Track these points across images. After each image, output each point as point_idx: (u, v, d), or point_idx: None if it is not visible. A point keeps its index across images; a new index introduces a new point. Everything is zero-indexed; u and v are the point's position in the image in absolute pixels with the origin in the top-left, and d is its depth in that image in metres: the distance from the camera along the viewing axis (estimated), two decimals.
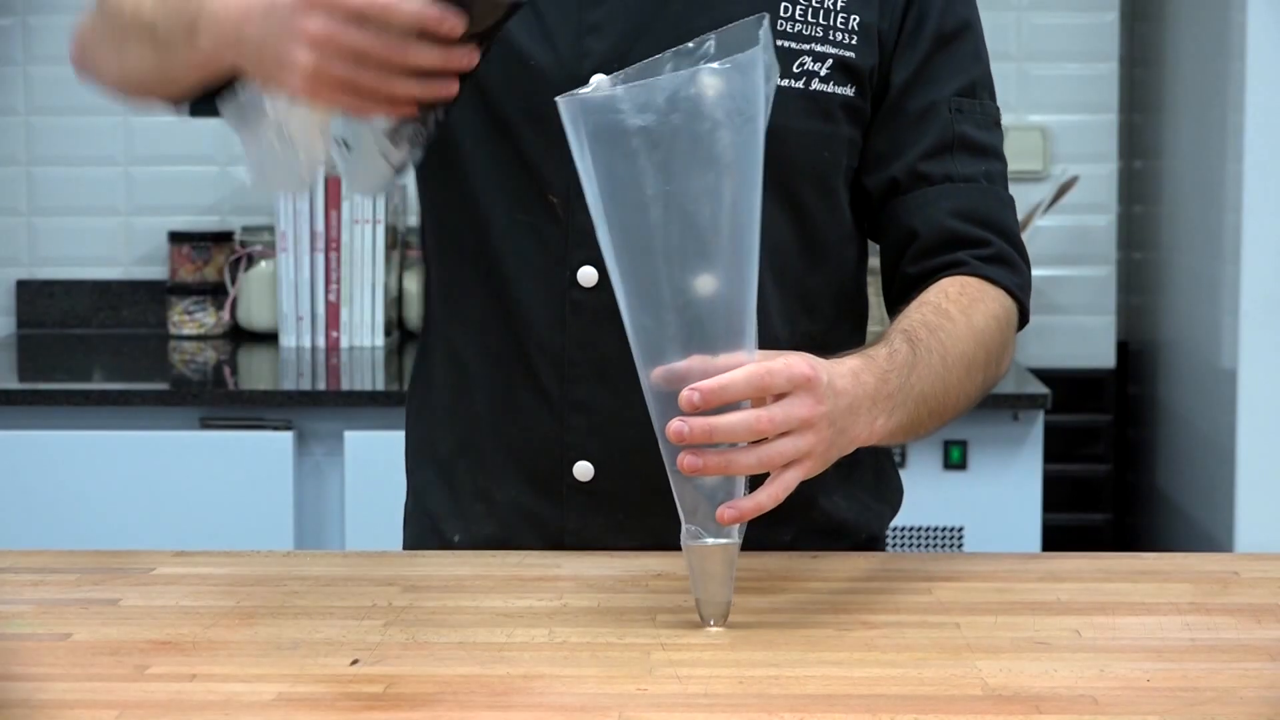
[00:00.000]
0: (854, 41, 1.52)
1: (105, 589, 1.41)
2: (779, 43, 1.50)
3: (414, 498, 1.64)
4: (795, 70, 1.51)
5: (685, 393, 1.25)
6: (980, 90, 1.58)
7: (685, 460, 1.26)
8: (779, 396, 1.28)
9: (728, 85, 1.24)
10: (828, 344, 1.44)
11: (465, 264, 1.56)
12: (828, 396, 1.30)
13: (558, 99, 1.25)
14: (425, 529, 1.62)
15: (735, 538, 1.31)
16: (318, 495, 2.91)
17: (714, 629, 1.30)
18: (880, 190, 1.56)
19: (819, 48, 1.51)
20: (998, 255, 1.55)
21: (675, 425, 1.26)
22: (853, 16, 1.52)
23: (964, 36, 1.58)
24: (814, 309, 1.56)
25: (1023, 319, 1.58)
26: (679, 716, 1.13)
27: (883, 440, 1.40)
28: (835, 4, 1.52)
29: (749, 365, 1.27)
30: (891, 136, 1.55)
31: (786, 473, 1.30)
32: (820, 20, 1.51)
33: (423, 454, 1.63)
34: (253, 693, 1.17)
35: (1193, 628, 1.32)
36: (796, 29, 1.51)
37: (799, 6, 1.51)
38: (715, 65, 1.25)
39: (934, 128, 1.55)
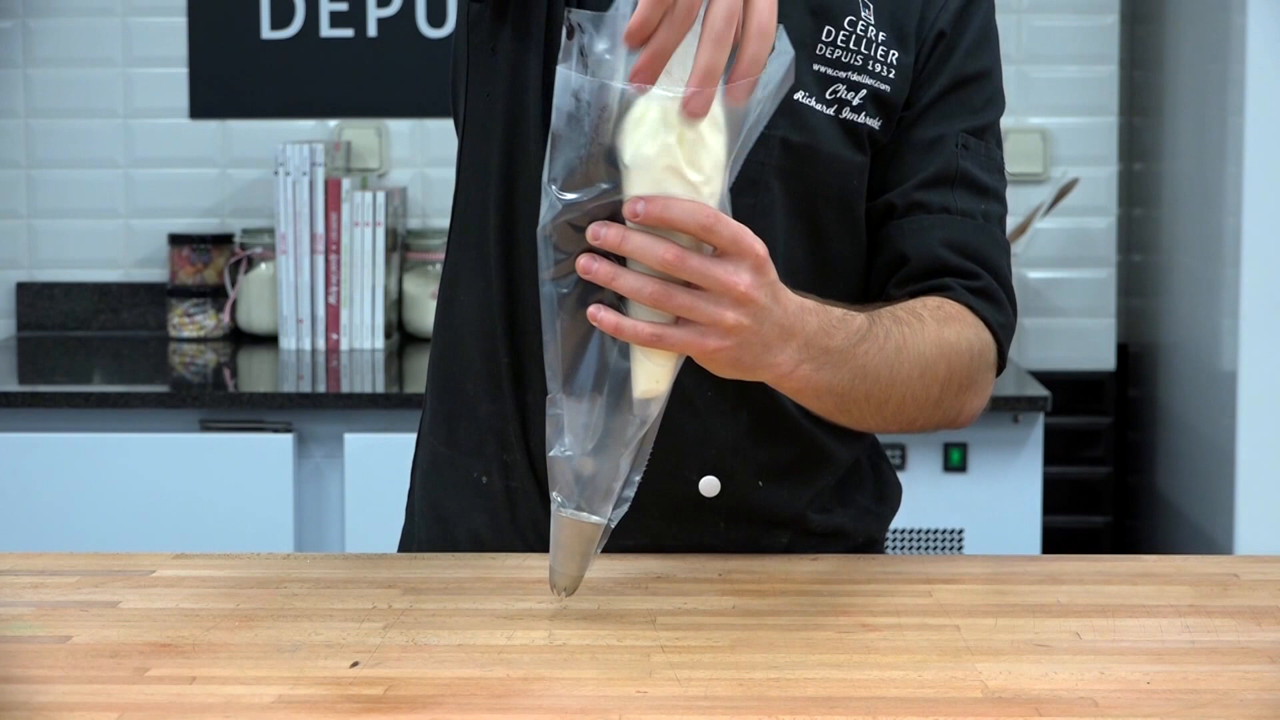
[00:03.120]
0: (891, 75, 1.52)
1: (105, 591, 1.41)
2: (816, 67, 1.50)
3: (434, 433, 1.62)
4: (829, 96, 1.51)
5: (630, 202, 1.21)
6: (989, 135, 1.58)
7: (581, 261, 1.22)
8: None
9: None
10: None
11: (486, 238, 1.55)
12: (765, 289, 1.25)
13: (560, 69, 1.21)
14: (439, 490, 1.61)
15: (594, 519, 1.28)
16: (318, 497, 2.92)
17: (712, 632, 1.30)
18: (876, 214, 1.56)
19: (855, 77, 1.51)
20: (985, 290, 1.54)
21: (594, 227, 1.22)
22: (892, 52, 1.53)
23: (982, 81, 1.58)
24: None
25: (1000, 363, 1.55)
26: (679, 719, 1.13)
27: (800, 391, 1.35)
28: (877, 36, 1.52)
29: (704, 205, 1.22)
30: (894, 163, 1.55)
31: (676, 330, 1.24)
32: (861, 49, 1.51)
33: (447, 386, 1.61)
34: (253, 695, 1.17)
35: (1193, 630, 1.32)
36: (835, 55, 1.51)
37: (841, 34, 1.51)
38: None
39: (938, 159, 1.55)
